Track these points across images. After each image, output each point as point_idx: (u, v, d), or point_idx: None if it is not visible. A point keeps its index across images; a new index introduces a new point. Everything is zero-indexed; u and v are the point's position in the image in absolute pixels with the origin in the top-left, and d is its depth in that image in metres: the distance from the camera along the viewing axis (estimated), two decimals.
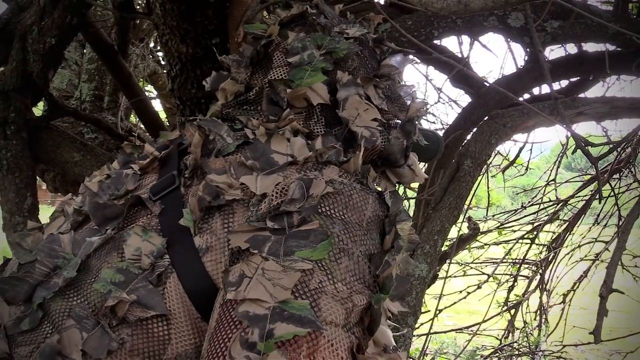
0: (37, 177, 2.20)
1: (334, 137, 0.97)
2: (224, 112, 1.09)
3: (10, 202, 2.01)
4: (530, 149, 3.68)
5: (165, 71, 3.86)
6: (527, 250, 3.84)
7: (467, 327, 3.90)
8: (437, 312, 2.63)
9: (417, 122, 1.09)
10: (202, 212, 0.86)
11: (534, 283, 3.85)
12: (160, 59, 4.12)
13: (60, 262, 0.88)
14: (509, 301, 3.87)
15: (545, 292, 3.81)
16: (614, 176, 3.31)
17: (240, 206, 0.85)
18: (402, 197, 0.94)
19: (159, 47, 4.13)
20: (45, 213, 1.99)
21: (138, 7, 3.02)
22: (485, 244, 3.90)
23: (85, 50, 3.11)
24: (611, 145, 2.92)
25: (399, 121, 1.06)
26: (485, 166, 2.83)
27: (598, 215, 3.87)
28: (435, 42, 2.37)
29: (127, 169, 1.01)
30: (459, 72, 2.51)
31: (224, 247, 0.83)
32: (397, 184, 1.09)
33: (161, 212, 0.90)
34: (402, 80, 1.16)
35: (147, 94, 3.04)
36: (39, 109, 2.47)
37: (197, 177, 0.93)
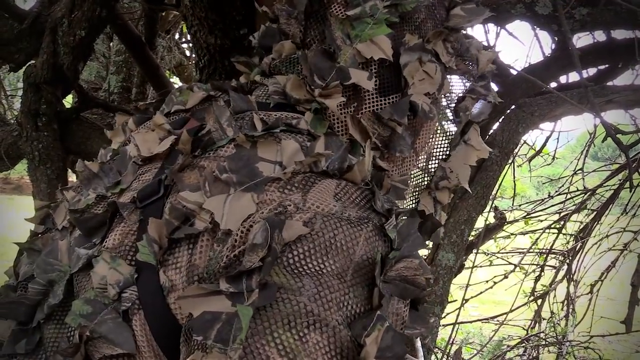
0: (68, 168, 2.23)
1: (338, 138, 0.82)
2: (272, 65, 0.95)
3: (42, 193, 2.05)
4: (557, 138, 3.65)
5: (191, 62, 3.89)
6: (554, 240, 3.80)
7: (494, 317, 3.89)
8: (464, 301, 2.63)
9: (489, 78, 0.96)
10: (169, 238, 0.74)
11: (561, 273, 3.82)
12: (186, 50, 4.14)
13: (55, 275, 0.80)
14: (536, 291, 3.84)
15: (572, 282, 3.77)
16: None
17: (206, 237, 0.72)
18: (417, 219, 0.76)
19: (184, 39, 4.15)
20: None
21: None
22: (512, 234, 3.87)
23: (112, 43, 3.14)
24: None
25: (468, 83, 0.95)
26: (511, 156, 2.81)
27: (626, 205, 3.82)
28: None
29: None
30: None
31: None
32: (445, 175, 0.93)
33: (139, 227, 0.77)
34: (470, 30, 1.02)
35: (173, 85, 3.06)
36: (68, 101, 2.50)
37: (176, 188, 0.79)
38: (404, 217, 0.76)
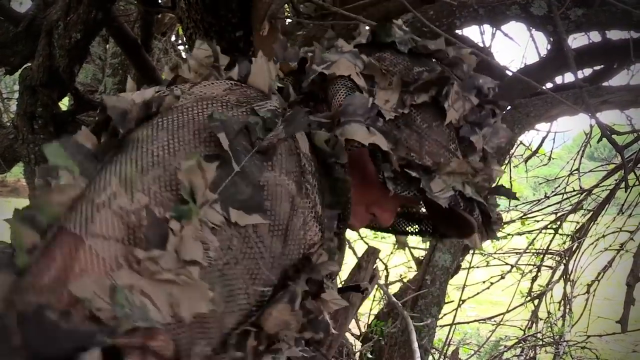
0: None
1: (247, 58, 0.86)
2: None
3: None
4: (553, 139, 3.65)
5: None
6: (551, 241, 3.82)
7: (491, 318, 3.89)
8: (461, 302, 2.63)
9: None
10: None
11: (558, 273, 3.83)
12: (183, 52, 4.14)
13: None
14: (533, 291, 3.85)
15: (569, 283, 3.79)
16: (639, 165, 3.28)
17: None
18: (303, 110, 0.78)
19: (180, 41, 4.16)
20: None
21: (161, 1, 3.05)
22: (509, 234, 3.88)
23: (108, 45, 3.14)
24: (636, 134, 2.89)
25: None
26: (507, 156, 2.82)
27: (622, 205, 3.83)
28: (457, 31, 2.37)
29: None
30: (481, 61, 2.50)
31: None
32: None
33: None
34: None
35: None
36: (64, 104, 2.50)
37: None
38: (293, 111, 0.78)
